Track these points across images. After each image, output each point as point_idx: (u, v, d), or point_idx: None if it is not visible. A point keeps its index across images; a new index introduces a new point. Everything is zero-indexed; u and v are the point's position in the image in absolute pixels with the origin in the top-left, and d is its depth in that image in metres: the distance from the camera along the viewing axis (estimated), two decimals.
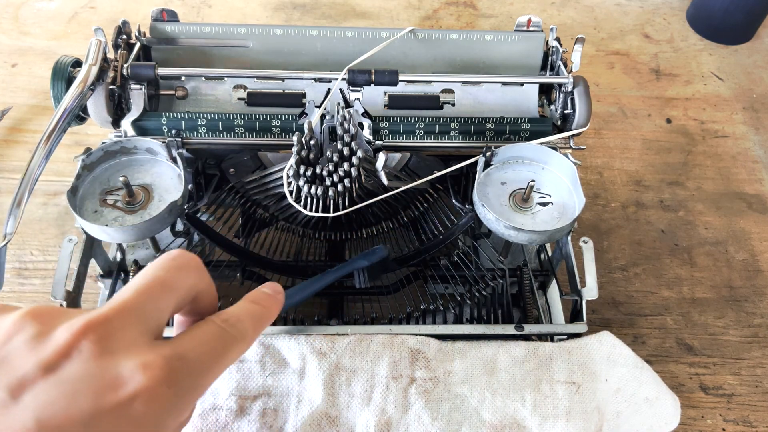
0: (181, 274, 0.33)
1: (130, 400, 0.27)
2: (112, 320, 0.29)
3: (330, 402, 0.47)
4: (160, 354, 0.29)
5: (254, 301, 0.36)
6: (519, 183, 0.59)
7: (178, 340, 0.31)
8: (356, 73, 0.61)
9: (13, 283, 0.69)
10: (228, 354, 0.33)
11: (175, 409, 0.29)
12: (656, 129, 0.93)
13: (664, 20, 1.12)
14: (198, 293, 0.34)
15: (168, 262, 0.33)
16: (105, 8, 1.06)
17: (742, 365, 0.67)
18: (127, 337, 0.29)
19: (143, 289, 0.31)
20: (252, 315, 0.35)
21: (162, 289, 0.32)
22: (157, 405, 0.28)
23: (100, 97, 0.59)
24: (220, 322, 0.33)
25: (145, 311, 0.31)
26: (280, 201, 0.61)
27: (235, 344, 0.33)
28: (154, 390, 0.28)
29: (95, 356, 0.28)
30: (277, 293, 0.38)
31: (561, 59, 0.66)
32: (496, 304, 0.57)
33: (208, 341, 0.32)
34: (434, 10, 1.10)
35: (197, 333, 0.32)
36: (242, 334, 0.34)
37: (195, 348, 0.31)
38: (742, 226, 0.81)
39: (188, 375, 0.30)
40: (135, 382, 0.28)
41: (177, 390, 0.29)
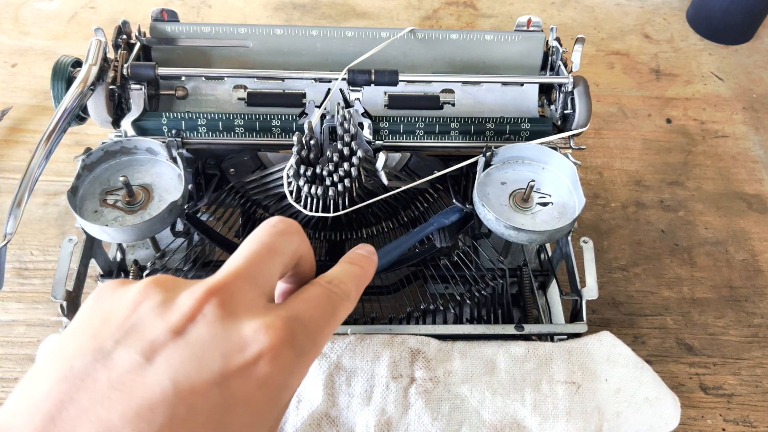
0: (284, 238, 0.34)
1: (256, 359, 0.28)
2: (230, 285, 0.30)
3: (330, 402, 0.47)
4: (278, 315, 0.30)
5: (352, 262, 0.38)
6: (519, 183, 0.59)
7: (291, 302, 0.32)
8: (356, 73, 0.61)
9: (13, 283, 0.69)
10: (337, 314, 0.34)
11: (297, 368, 0.30)
12: (656, 129, 0.93)
13: (664, 20, 1.12)
14: (300, 257, 0.35)
15: (271, 228, 0.34)
16: (105, 8, 1.06)
17: (742, 365, 0.67)
18: (246, 300, 0.30)
19: (253, 255, 0.32)
20: (353, 276, 0.36)
21: (270, 254, 0.33)
22: (281, 364, 0.29)
23: (100, 97, 0.59)
24: (326, 284, 0.34)
25: (257, 275, 0.32)
26: (280, 201, 0.61)
27: (342, 304, 0.34)
28: (278, 350, 0.29)
29: (219, 319, 0.29)
30: (372, 254, 0.39)
31: (561, 59, 0.66)
32: (496, 304, 0.57)
33: (318, 302, 0.33)
34: (434, 10, 1.10)
35: (308, 295, 0.33)
36: (347, 294, 0.35)
37: (308, 309, 0.32)
38: (742, 226, 0.81)
39: (306, 335, 0.31)
40: (259, 343, 0.28)
41: (297, 350, 0.30)
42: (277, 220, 0.35)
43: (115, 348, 0.27)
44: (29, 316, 0.67)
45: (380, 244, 0.62)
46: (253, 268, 0.32)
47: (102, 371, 0.27)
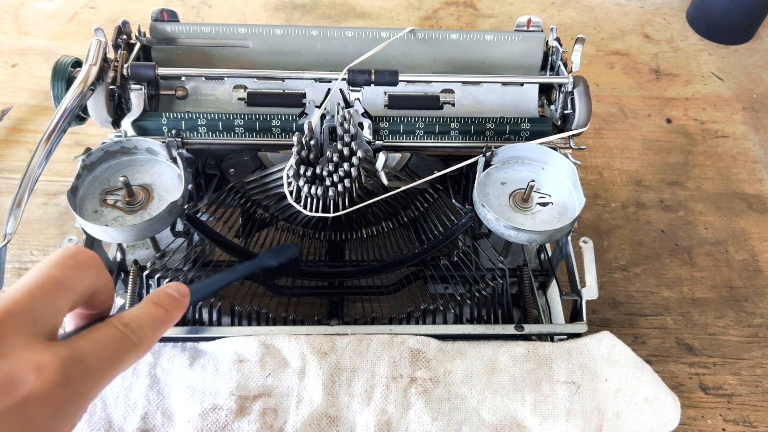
0: (78, 273, 0.32)
1: (23, 402, 0.27)
2: (2, 321, 0.28)
3: (330, 402, 0.47)
4: (56, 355, 0.28)
5: (157, 303, 0.35)
6: (519, 183, 0.59)
7: (75, 341, 0.30)
8: (356, 73, 0.61)
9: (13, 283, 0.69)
10: (126, 359, 0.32)
11: (70, 410, 0.29)
12: (656, 129, 0.93)
13: (664, 20, 1.12)
14: (95, 291, 0.33)
15: (64, 260, 0.32)
16: (105, 8, 1.06)
17: (742, 365, 0.67)
18: (19, 339, 0.28)
19: (36, 289, 0.30)
20: (154, 319, 0.34)
21: (57, 289, 0.31)
22: (52, 407, 0.28)
23: (100, 97, 0.59)
24: (121, 326, 0.32)
25: (37, 311, 0.29)
26: (280, 201, 0.61)
27: (134, 350, 0.32)
28: (49, 392, 0.27)
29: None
30: (183, 296, 0.37)
31: (561, 59, 0.66)
32: (496, 304, 0.57)
33: (106, 345, 0.31)
34: (434, 10, 1.10)
35: (96, 336, 0.31)
36: (141, 340, 0.32)
37: (93, 351, 0.30)
38: (742, 226, 0.81)
39: (84, 378, 0.29)
40: (29, 384, 0.27)
41: (72, 392, 0.28)
42: (73, 251, 0.32)
43: None
44: None
45: (381, 244, 0.62)
46: (33, 304, 0.29)
47: None
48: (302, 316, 0.57)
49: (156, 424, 0.46)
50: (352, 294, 0.63)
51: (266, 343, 0.49)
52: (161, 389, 0.47)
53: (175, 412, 0.47)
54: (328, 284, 0.62)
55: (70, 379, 0.28)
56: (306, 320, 0.56)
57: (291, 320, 0.55)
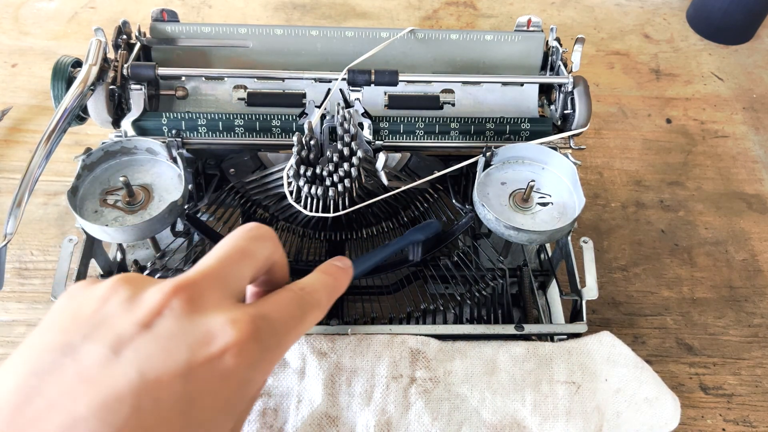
0: (258, 243, 0.35)
1: (221, 353, 0.29)
2: (198, 282, 0.31)
3: (330, 402, 0.47)
4: (245, 312, 0.31)
5: (326, 272, 0.38)
6: (519, 183, 0.59)
7: (261, 302, 0.33)
8: (356, 73, 0.61)
9: (13, 283, 0.69)
10: (306, 319, 0.34)
11: (261, 364, 0.31)
12: (656, 129, 0.93)
13: (664, 20, 1.12)
14: (273, 263, 0.36)
15: (246, 232, 0.35)
16: (105, 8, 1.06)
17: (742, 365, 0.67)
18: (213, 297, 0.31)
19: (225, 256, 0.33)
20: (326, 285, 0.37)
21: (242, 257, 0.33)
22: (246, 359, 0.29)
23: (100, 97, 0.59)
24: (298, 290, 0.35)
25: (227, 276, 0.32)
26: (281, 201, 0.61)
27: (312, 311, 0.35)
28: (243, 344, 0.29)
29: (186, 313, 0.29)
30: (348, 267, 0.40)
31: (561, 59, 0.66)
32: (496, 304, 0.57)
33: (288, 305, 0.34)
34: (434, 10, 1.10)
35: (278, 298, 0.34)
36: (318, 302, 0.35)
37: (277, 310, 0.33)
38: (742, 226, 0.81)
39: (272, 333, 0.31)
40: (226, 336, 0.29)
41: (262, 346, 0.30)
42: (253, 226, 0.35)
43: (83, 342, 0.28)
44: (29, 316, 0.67)
45: (380, 244, 0.62)
46: (224, 269, 0.32)
47: (70, 365, 0.27)
48: None
49: None
50: (352, 294, 0.63)
51: None
52: None
53: None
54: None
55: (260, 334, 0.30)
56: None
57: None
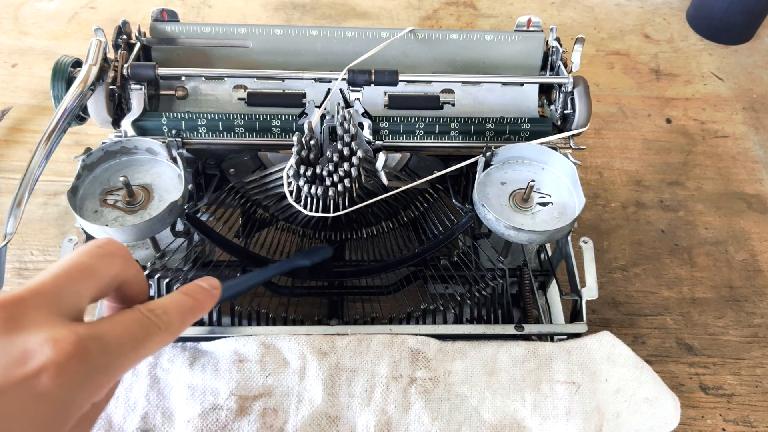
0: (104, 260, 0.33)
1: (37, 373, 0.27)
2: (25, 299, 0.29)
3: (330, 402, 0.47)
4: (73, 331, 0.29)
5: (187, 293, 0.37)
6: (519, 183, 0.59)
7: (97, 322, 0.32)
8: (356, 73, 0.61)
9: (13, 283, 0.69)
10: (148, 342, 0.33)
11: (87, 385, 0.29)
12: (656, 129, 0.93)
13: (664, 20, 1.12)
14: (124, 282, 0.35)
15: (92, 248, 0.33)
16: (105, 8, 1.06)
17: (742, 365, 0.67)
18: (40, 316, 0.29)
19: (62, 273, 0.32)
20: (181, 306, 0.35)
21: (82, 274, 0.32)
22: (66, 379, 0.28)
23: (100, 97, 0.59)
24: (145, 310, 0.34)
25: (61, 294, 0.31)
26: (280, 201, 0.61)
27: (158, 333, 0.33)
28: (64, 363, 0.28)
29: (4, 331, 0.28)
30: (213, 288, 0.38)
31: (561, 59, 0.66)
32: (496, 304, 0.57)
33: (127, 326, 0.32)
34: (434, 10, 1.10)
35: (118, 317, 0.32)
36: (166, 324, 0.34)
37: (113, 330, 0.31)
38: (742, 226, 0.81)
39: (102, 354, 0.30)
40: (43, 355, 0.28)
41: (89, 367, 0.29)
42: (102, 242, 0.34)
43: None
44: None
45: (380, 244, 0.62)
46: (58, 286, 0.31)
47: None
48: (302, 316, 0.57)
49: (156, 424, 0.46)
50: (352, 294, 0.63)
51: (266, 343, 0.49)
52: (161, 389, 0.47)
53: (175, 412, 0.47)
54: (328, 284, 0.62)
55: (86, 354, 0.29)
56: (306, 320, 0.56)
57: (291, 320, 0.55)
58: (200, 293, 0.37)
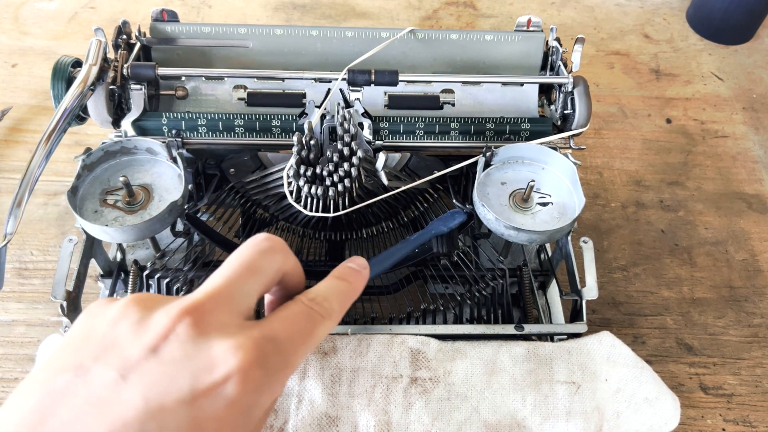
0: (266, 257, 0.34)
1: (224, 380, 0.29)
2: (204, 305, 0.31)
3: (330, 402, 0.47)
4: (250, 336, 0.30)
5: (340, 277, 0.38)
6: (519, 183, 0.59)
7: (267, 321, 0.33)
8: (356, 73, 0.61)
9: (13, 283, 0.69)
10: (316, 332, 0.34)
11: (267, 387, 0.31)
12: (656, 129, 0.93)
13: (664, 20, 1.12)
14: (284, 274, 0.36)
15: (253, 247, 0.35)
16: (105, 8, 1.06)
17: (742, 365, 0.67)
18: (219, 319, 0.31)
19: (232, 275, 0.33)
20: (339, 292, 0.37)
21: (249, 273, 0.33)
22: (250, 385, 0.29)
23: (100, 97, 0.59)
24: (308, 301, 0.35)
25: (234, 295, 0.32)
26: (280, 201, 0.61)
27: (323, 322, 0.34)
28: (246, 371, 0.29)
29: (190, 338, 0.29)
30: (363, 268, 0.39)
31: (561, 59, 0.66)
32: (496, 304, 0.57)
33: (296, 321, 0.33)
34: (434, 10, 1.10)
35: (286, 313, 0.34)
36: (329, 312, 0.35)
37: (285, 328, 0.32)
38: (742, 226, 0.81)
39: (278, 354, 0.31)
40: (228, 364, 0.29)
41: (267, 370, 0.30)
42: (261, 239, 0.35)
43: (94, 365, 0.29)
44: (29, 316, 0.67)
45: (380, 244, 0.62)
46: (231, 288, 0.32)
47: (81, 387, 0.28)
48: None
49: None
50: None
51: None
52: None
53: None
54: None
55: (264, 358, 0.30)
56: None
57: None
58: (353, 275, 0.38)
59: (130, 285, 0.57)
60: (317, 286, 0.36)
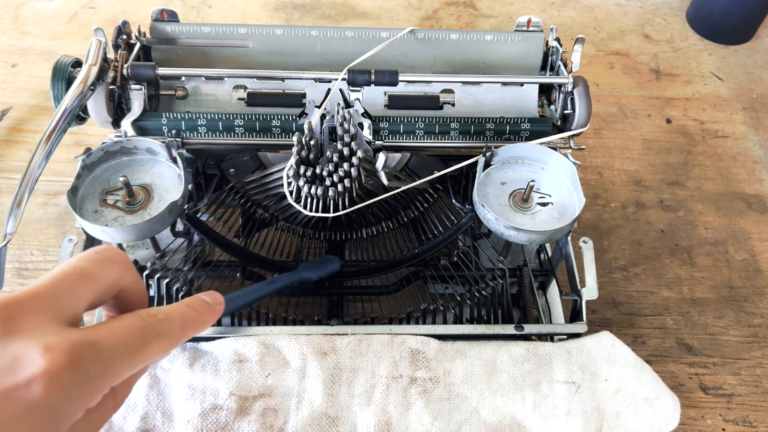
0: (103, 267, 0.33)
1: (27, 383, 0.27)
2: (21, 302, 0.29)
3: (330, 402, 0.47)
4: (67, 338, 0.29)
5: (191, 305, 0.36)
6: (519, 183, 0.59)
7: (93, 327, 0.31)
8: (356, 73, 0.61)
9: (13, 283, 0.69)
10: (147, 347, 0.32)
11: (78, 394, 0.29)
12: (656, 129, 0.93)
13: (664, 20, 1.12)
14: (123, 289, 0.34)
15: (91, 254, 0.33)
16: (105, 8, 1.06)
17: (742, 365, 0.67)
18: (35, 320, 0.29)
19: (60, 277, 0.31)
20: (184, 317, 0.35)
21: (80, 279, 0.32)
22: (57, 389, 0.28)
23: (100, 97, 0.59)
24: (146, 315, 0.33)
25: (59, 298, 0.31)
26: (280, 201, 0.61)
27: (157, 339, 0.33)
28: (54, 374, 0.28)
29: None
30: (216, 303, 0.38)
31: (561, 59, 0.66)
32: (496, 304, 0.57)
33: (126, 332, 0.32)
34: (434, 10, 1.10)
35: (117, 323, 0.32)
36: (168, 331, 0.33)
37: (110, 336, 0.31)
38: (742, 226, 0.81)
39: (97, 361, 0.29)
40: (34, 365, 0.28)
41: (81, 375, 0.29)
42: (102, 248, 0.34)
43: None
44: None
45: (380, 244, 0.62)
46: (55, 290, 0.31)
47: None
48: (302, 316, 0.57)
49: (156, 424, 0.46)
50: (352, 294, 0.63)
51: (266, 343, 0.49)
52: (161, 389, 0.47)
53: (175, 412, 0.47)
54: (328, 284, 0.62)
55: (79, 362, 0.29)
56: (306, 320, 0.56)
57: (291, 320, 0.55)
58: (204, 307, 0.37)
59: None
60: (162, 306, 0.35)
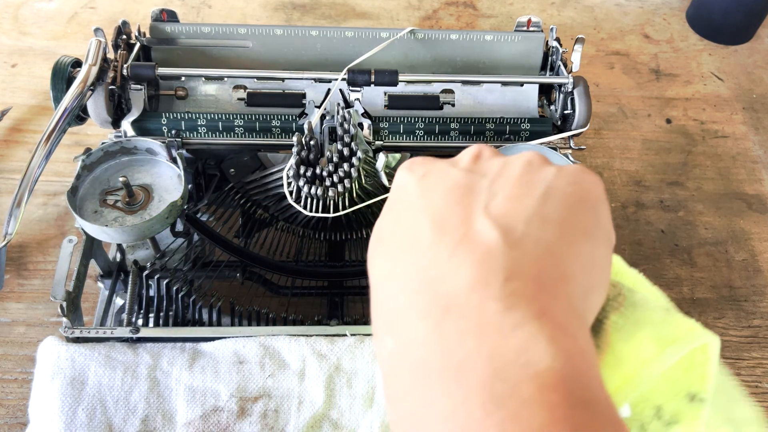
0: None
1: (598, 201, 0.29)
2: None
3: (330, 404, 0.47)
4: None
5: None
6: None
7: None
8: (356, 73, 0.61)
9: (13, 283, 0.69)
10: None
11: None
12: (656, 129, 0.92)
13: (664, 20, 1.12)
14: None
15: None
16: (105, 8, 1.05)
17: (742, 365, 0.67)
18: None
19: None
20: None
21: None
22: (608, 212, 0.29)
23: (100, 97, 0.59)
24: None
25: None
26: (280, 201, 0.61)
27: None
28: (606, 200, 0.30)
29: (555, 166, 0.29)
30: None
31: (561, 59, 0.66)
32: None
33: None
34: (434, 10, 1.10)
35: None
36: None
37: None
38: (742, 226, 0.81)
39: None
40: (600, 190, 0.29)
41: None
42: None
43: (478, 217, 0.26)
44: (29, 316, 0.67)
45: None
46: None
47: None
48: (302, 316, 0.57)
49: (157, 426, 0.46)
50: (352, 294, 0.63)
51: (265, 344, 0.49)
52: (161, 391, 0.47)
53: (176, 414, 0.47)
54: (328, 284, 0.62)
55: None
56: (306, 320, 0.56)
57: (291, 320, 0.55)
58: None
59: (129, 285, 0.57)
60: None
